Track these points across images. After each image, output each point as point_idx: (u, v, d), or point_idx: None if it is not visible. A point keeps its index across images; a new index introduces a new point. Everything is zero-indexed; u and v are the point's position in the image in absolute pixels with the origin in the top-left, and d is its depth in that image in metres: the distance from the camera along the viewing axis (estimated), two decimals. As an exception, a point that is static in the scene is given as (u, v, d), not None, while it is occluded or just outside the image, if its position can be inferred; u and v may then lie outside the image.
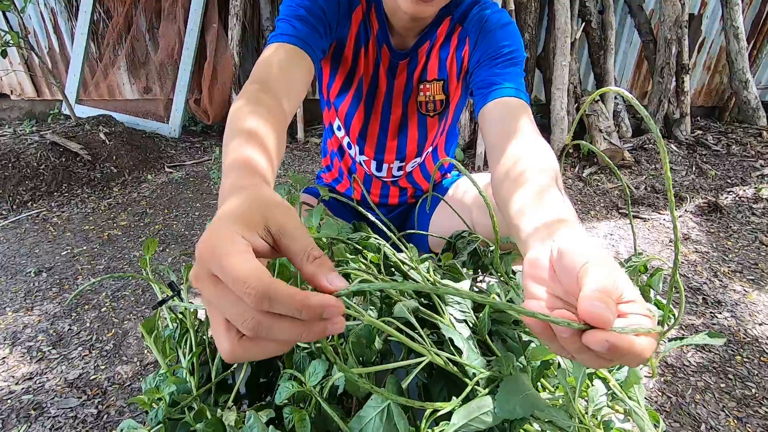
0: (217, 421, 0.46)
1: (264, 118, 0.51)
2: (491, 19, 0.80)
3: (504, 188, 0.56)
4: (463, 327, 0.55)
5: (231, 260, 0.28)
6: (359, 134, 0.95)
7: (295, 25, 0.69)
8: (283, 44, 0.67)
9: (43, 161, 2.21)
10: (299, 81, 0.66)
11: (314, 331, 0.29)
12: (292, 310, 0.27)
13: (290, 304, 0.27)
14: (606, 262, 0.31)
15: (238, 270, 0.27)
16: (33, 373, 1.16)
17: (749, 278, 1.63)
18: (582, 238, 0.36)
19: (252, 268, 0.28)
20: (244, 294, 0.27)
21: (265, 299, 0.27)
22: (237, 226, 0.31)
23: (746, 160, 2.61)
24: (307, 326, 0.28)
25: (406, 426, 0.42)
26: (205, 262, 0.29)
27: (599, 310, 0.28)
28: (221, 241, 0.29)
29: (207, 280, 0.29)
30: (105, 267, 1.64)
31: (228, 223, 0.31)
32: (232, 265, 0.28)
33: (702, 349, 1.29)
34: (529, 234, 0.42)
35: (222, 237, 0.30)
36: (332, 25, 0.75)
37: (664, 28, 2.73)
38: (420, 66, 0.86)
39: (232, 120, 0.51)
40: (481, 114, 0.75)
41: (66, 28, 2.91)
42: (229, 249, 0.29)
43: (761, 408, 1.09)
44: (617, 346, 0.27)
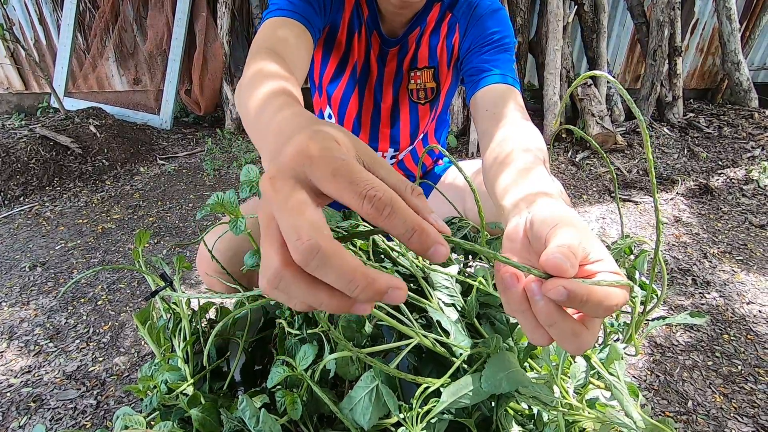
0: (212, 406, 0.47)
1: (285, 69, 0.49)
2: (481, 6, 0.80)
3: (491, 172, 0.57)
4: (452, 311, 0.56)
5: (348, 163, 0.25)
6: (354, 120, 0.95)
7: (293, 0, 0.68)
8: (284, 18, 0.66)
9: (33, 155, 2.19)
10: (303, 52, 0.64)
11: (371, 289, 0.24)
12: (408, 228, 0.24)
13: (410, 221, 0.24)
14: (574, 224, 0.31)
15: (360, 173, 0.25)
16: (31, 367, 1.17)
17: (738, 259, 1.65)
18: (556, 206, 0.35)
19: (371, 175, 0.25)
20: (365, 197, 0.24)
21: (388, 207, 0.24)
22: (330, 139, 0.27)
23: (737, 142, 2.62)
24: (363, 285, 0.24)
25: (395, 404, 0.43)
26: (305, 162, 0.25)
27: (556, 259, 0.27)
28: (332, 145, 0.26)
29: (290, 183, 0.25)
30: (100, 260, 1.64)
31: (321, 134, 0.27)
32: (349, 167, 0.25)
33: (690, 328, 1.31)
34: (509, 210, 0.43)
35: (330, 140, 0.27)
36: (326, 6, 0.74)
37: (656, 11, 2.71)
38: (410, 53, 0.86)
39: (250, 69, 0.48)
40: (472, 101, 0.75)
41: (52, 19, 2.86)
42: (341, 153, 0.26)
43: (747, 384, 1.12)
44: (575, 291, 0.27)
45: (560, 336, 0.30)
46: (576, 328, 0.29)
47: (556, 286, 0.27)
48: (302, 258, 0.23)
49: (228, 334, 0.65)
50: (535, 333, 0.31)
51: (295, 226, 0.23)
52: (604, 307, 0.28)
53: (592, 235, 0.31)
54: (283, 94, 0.40)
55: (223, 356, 0.62)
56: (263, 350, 0.71)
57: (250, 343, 0.66)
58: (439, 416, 0.44)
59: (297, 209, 0.24)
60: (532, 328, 0.31)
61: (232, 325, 0.64)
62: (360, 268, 0.23)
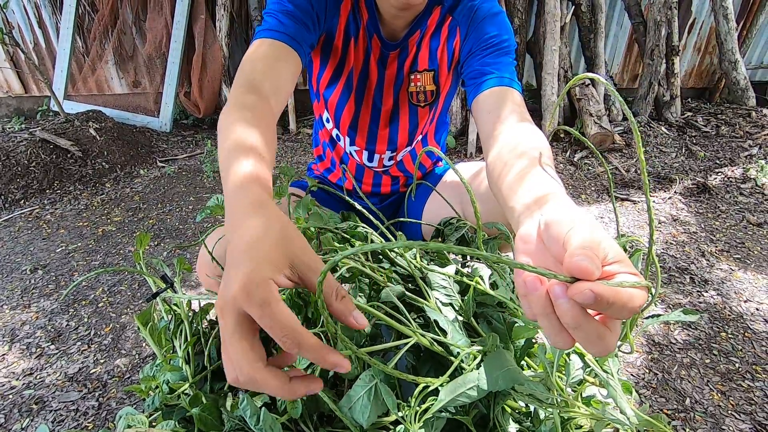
0: (212, 405, 0.48)
1: (253, 124, 0.52)
2: (481, 9, 0.80)
3: (496, 174, 0.57)
4: (449, 310, 0.57)
5: (269, 308, 0.33)
6: (350, 125, 0.95)
7: (282, 21, 0.69)
8: (270, 40, 0.68)
9: (33, 159, 2.20)
10: (286, 78, 0.67)
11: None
12: (313, 358, 0.35)
13: (314, 353, 0.35)
14: (591, 226, 0.32)
15: (278, 317, 0.33)
16: (33, 369, 1.18)
17: (736, 257, 1.66)
18: (568, 207, 0.37)
19: (288, 317, 0.34)
20: (280, 337, 0.33)
21: (296, 346, 0.33)
22: (267, 270, 0.35)
23: (735, 141, 2.63)
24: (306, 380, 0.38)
25: (393, 402, 0.44)
26: (240, 305, 0.34)
27: (582, 262, 0.28)
28: (258, 290, 0.34)
29: (233, 316, 0.34)
30: (100, 263, 1.65)
31: (259, 267, 0.35)
32: (272, 313, 0.33)
33: (688, 326, 1.32)
34: (520, 212, 0.43)
35: (258, 285, 0.34)
36: (320, 17, 0.75)
37: (653, 10, 2.72)
38: (411, 56, 0.87)
39: (223, 130, 0.53)
40: (474, 104, 0.76)
41: (51, 22, 2.87)
42: (266, 296, 0.34)
43: (744, 381, 1.13)
44: (602, 294, 0.27)
45: (585, 339, 0.30)
46: (601, 330, 0.30)
47: (583, 289, 0.28)
48: (243, 385, 0.35)
49: (228, 335, 0.65)
50: (559, 336, 0.31)
51: (234, 359, 0.34)
52: (628, 309, 0.28)
53: (607, 235, 0.32)
54: (247, 180, 0.46)
55: (223, 357, 0.63)
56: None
57: (251, 344, 0.67)
58: (437, 414, 0.45)
59: (237, 343, 0.34)
60: (557, 332, 0.31)
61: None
62: (284, 385, 0.35)
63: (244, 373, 0.34)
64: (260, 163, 0.48)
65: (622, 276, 0.29)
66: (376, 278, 0.58)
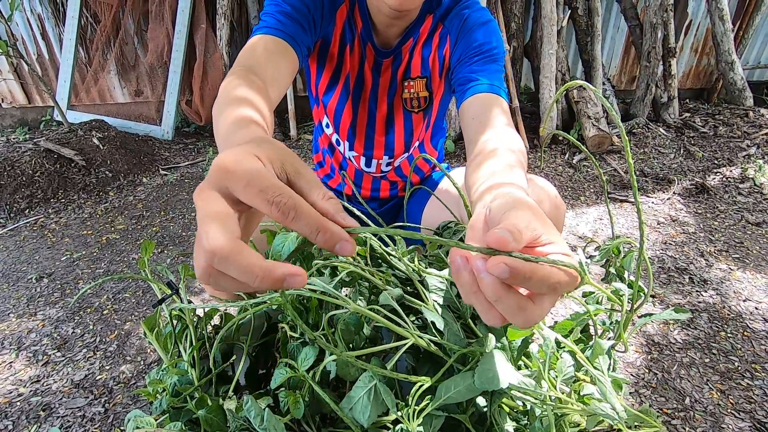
0: (218, 407, 0.49)
1: (255, 91, 0.53)
2: (471, 18, 0.82)
3: (468, 173, 0.59)
4: (446, 312, 0.58)
5: (259, 174, 0.29)
6: (349, 129, 0.97)
7: (280, 19, 0.71)
8: (268, 36, 0.69)
9: (38, 168, 2.23)
10: (284, 73, 0.68)
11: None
12: (312, 228, 0.29)
13: (314, 222, 0.29)
14: (529, 208, 0.32)
15: (268, 181, 0.29)
16: (40, 376, 1.19)
17: (734, 257, 1.67)
18: (515, 193, 0.37)
19: (279, 182, 0.29)
20: (272, 203, 0.28)
21: (293, 211, 0.28)
22: (255, 150, 0.31)
23: (733, 141, 2.65)
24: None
25: (392, 401, 0.45)
26: (225, 177, 0.29)
27: (499, 233, 0.29)
28: (245, 159, 0.30)
29: (212, 193, 0.29)
30: (105, 270, 1.67)
31: (250, 149, 0.31)
32: (260, 177, 0.29)
33: (688, 326, 1.33)
34: (474, 201, 0.44)
35: (246, 156, 0.30)
36: (316, 21, 0.77)
37: (649, 13, 2.75)
38: (404, 63, 0.89)
39: (224, 91, 0.53)
40: (460, 110, 0.78)
41: (54, 33, 2.91)
42: (254, 165, 0.29)
43: (743, 380, 1.14)
44: (517, 268, 0.28)
45: (507, 311, 0.30)
46: (521, 302, 0.30)
47: (498, 262, 0.28)
48: (217, 264, 0.27)
49: (232, 340, 0.67)
50: (488, 314, 0.32)
51: (204, 232, 0.28)
52: (548, 284, 0.29)
53: (547, 220, 0.33)
54: (244, 121, 0.44)
55: (227, 360, 0.64)
56: (267, 354, 0.73)
57: (254, 348, 0.68)
58: (435, 413, 0.46)
59: (209, 217, 0.28)
60: (486, 310, 0.32)
61: (236, 330, 0.66)
62: (257, 262, 0.27)
63: (218, 243, 0.27)
64: (262, 118, 0.47)
65: (554, 256, 0.30)
66: (375, 282, 0.59)
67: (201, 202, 0.29)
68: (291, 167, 0.32)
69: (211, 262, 0.27)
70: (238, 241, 0.28)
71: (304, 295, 0.50)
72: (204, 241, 0.27)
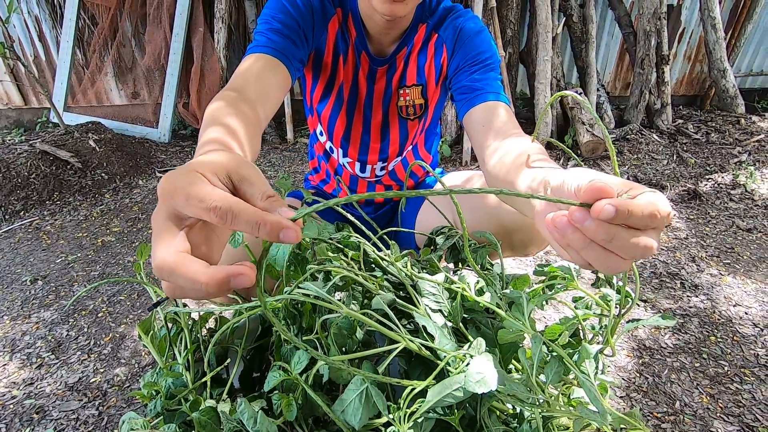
0: (212, 409, 0.50)
1: (238, 118, 0.55)
2: (465, 28, 0.85)
3: (500, 173, 0.61)
4: (438, 316, 0.59)
5: (195, 186, 0.31)
6: (342, 137, 0.99)
7: (271, 37, 0.73)
8: (260, 54, 0.72)
9: (33, 170, 2.22)
10: (275, 89, 0.70)
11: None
12: (252, 224, 0.30)
13: (252, 218, 0.30)
14: (593, 173, 0.35)
15: (204, 191, 0.31)
16: (33, 379, 1.19)
17: (725, 262, 1.69)
18: (569, 172, 0.38)
19: (216, 189, 0.31)
20: (210, 209, 0.30)
21: (229, 213, 0.30)
22: (195, 166, 0.33)
23: (725, 148, 2.68)
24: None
25: (383, 404, 0.46)
26: (167, 198, 0.31)
27: (596, 183, 0.31)
28: (184, 177, 0.32)
29: (161, 216, 0.32)
30: (100, 273, 1.67)
31: (191, 167, 0.33)
32: (197, 189, 0.31)
33: (678, 331, 1.35)
34: (527, 190, 0.46)
35: (184, 174, 0.32)
36: (308, 34, 0.79)
37: (643, 21, 2.78)
38: (399, 72, 0.90)
39: (207, 117, 0.55)
40: (466, 118, 0.81)
41: (51, 36, 2.91)
42: (191, 179, 0.32)
43: (732, 384, 1.16)
44: (619, 204, 0.30)
45: (624, 247, 0.32)
46: (633, 234, 0.32)
47: (603, 205, 0.30)
48: (165, 276, 0.30)
49: (227, 343, 0.68)
50: (608, 260, 0.33)
51: (153, 252, 0.31)
52: (648, 214, 0.30)
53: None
54: (208, 144, 0.48)
55: (221, 363, 0.65)
56: (261, 358, 0.74)
57: (249, 351, 0.69)
58: (426, 415, 0.47)
59: (157, 238, 0.32)
60: (604, 257, 0.33)
61: (231, 333, 0.67)
62: (201, 269, 0.30)
63: (162, 259, 0.30)
64: (228, 136, 0.50)
65: (643, 196, 0.32)
66: (368, 286, 0.60)
67: (153, 225, 0.33)
68: (236, 174, 0.34)
69: (162, 277, 0.30)
70: (181, 255, 0.30)
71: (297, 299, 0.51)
72: (153, 261, 0.31)
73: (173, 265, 0.30)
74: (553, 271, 0.60)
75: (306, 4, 0.78)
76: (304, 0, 0.78)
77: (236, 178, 0.34)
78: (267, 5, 0.78)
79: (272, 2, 0.78)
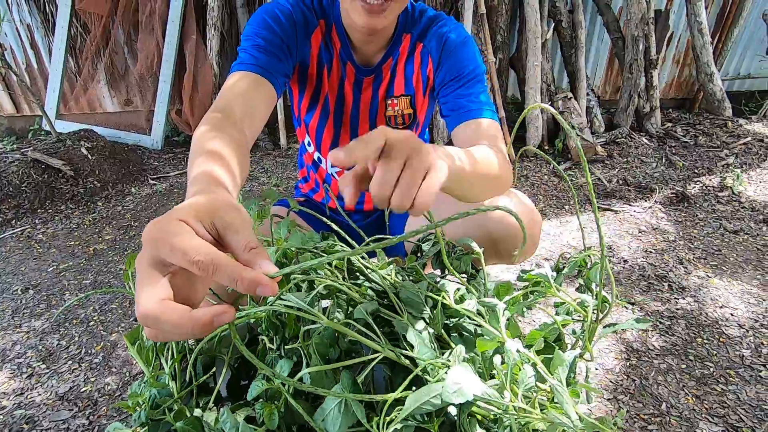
0: (196, 419, 0.51)
1: (226, 142, 0.56)
2: (450, 39, 0.86)
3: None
4: (420, 324, 0.60)
5: (179, 237, 0.32)
6: (330, 147, 1.00)
7: (255, 54, 0.74)
8: (244, 72, 0.73)
9: (25, 179, 2.22)
10: (261, 107, 0.72)
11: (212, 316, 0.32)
12: (231, 279, 0.32)
13: (231, 273, 0.32)
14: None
15: (188, 243, 0.32)
16: (24, 389, 1.19)
17: (712, 264, 1.71)
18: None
19: (200, 242, 0.33)
20: (192, 262, 0.31)
21: (211, 266, 0.31)
22: (179, 214, 0.35)
23: (712, 150, 2.72)
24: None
25: (362, 412, 0.47)
26: (152, 246, 0.33)
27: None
28: (168, 226, 0.33)
29: (144, 263, 0.33)
30: (92, 282, 1.67)
31: (175, 214, 0.35)
32: (181, 241, 0.32)
33: (666, 332, 1.36)
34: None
35: (169, 223, 0.33)
36: (291, 49, 0.80)
37: (630, 26, 2.82)
38: (385, 82, 0.92)
39: (196, 144, 0.56)
40: (453, 135, 0.83)
41: (43, 43, 2.91)
42: (176, 230, 0.33)
43: (718, 385, 1.17)
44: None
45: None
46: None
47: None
48: (147, 323, 0.32)
49: (214, 351, 0.69)
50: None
51: (136, 300, 0.32)
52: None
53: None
54: (197, 180, 0.49)
55: (207, 372, 0.66)
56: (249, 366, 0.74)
57: (236, 360, 0.70)
58: (404, 422, 0.48)
59: (140, 285, 0.33)
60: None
61: (218, 342, 0.68)
62: (184, 314, 0.32)
63: (146, 308, 0.31)
64: (226, 172, 0.51)
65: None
66: (351, 295, 0.61)
67: (137, 270, 0.34)
68: (220, 221, 0.36)
69: (147, 325, 0.32)
70: (164, 304, 0.32)
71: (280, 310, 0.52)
72: (136, 310, 0.32)
73: (158, 313, 0.31)
74: (531, 278, 0.62)
75: (288, 19, 0.79)
76: (286, 14, 0.79)
77: (221, 224, 0.36)
78: (250, 22, 0.80)
79: (255, 18, 0.79)
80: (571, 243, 1.90)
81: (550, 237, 1.94)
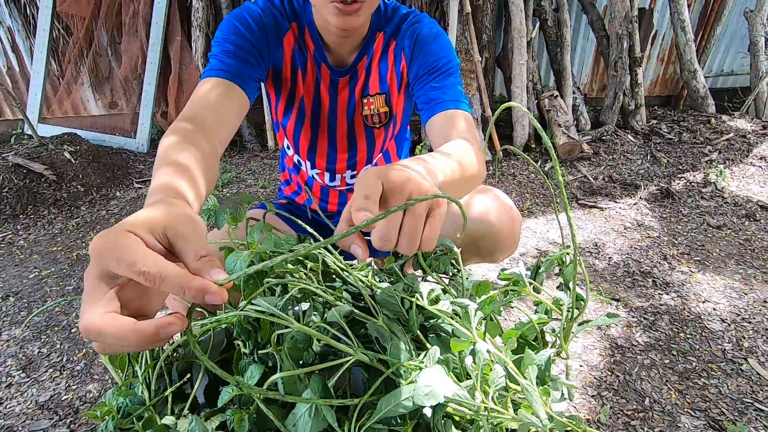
0: (165, 427, 0.50)
1: (191, 152, 0.56)
2: (422, 34, 0.86)
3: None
4: (395, 325, 0.60)
5: (126, 249, 0.32)
6: (308, 149, 0.99)
7: (224, 60, 0.74)
8: (215, 79, 0.72)
9: (6, 184, 2.18)
10: (231, 114, 0.71)
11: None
12: (178, 288, 0.32)
13: (178, 282, 0.32)
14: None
15: (134, 254, 0.31)
16: (2, 398, 1.17)
17: (696, 259, 1.73)
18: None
19: (147, 252, 0.32)
20: (139, 273, 0.31)
21: (158, 277, 0.31)
22: (128, 225, 0.34)
23: (696, 147, 2.75)
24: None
25: (332, 417, 0.47)
26: (99, 258, 0.32)
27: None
28: (115, 237, 0.33)
29: (92, 276, 0.33)
30: (74, 288, 1.64)
31: (124, 225, 0.34)
32: (127, 252, 0.32)
33: (650, 328, 1.38)
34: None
35: (116, 234, 0.33)
36: (263, 53, 0.80)
37: (615, 24, 2.85)
38: (361, 82, 0.91)
39: (161, 154, 0.56)
40: (426, 127, 0.82)
41: (25, 46, 2.87)
42: (123, 242, 0.32)
43: (700, 380, 1.19)
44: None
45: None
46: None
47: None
48: (92, 336, 0.31)
49: (191, 357, 0.68)
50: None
51: (81, 314, 0.32)
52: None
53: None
54: (155, 192, 0.49)
55: (182, 378, 0.65)
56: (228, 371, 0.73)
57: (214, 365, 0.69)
58: (376, 425, 0.48)
59: (85, 300, 0.32)
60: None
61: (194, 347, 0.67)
62: (129, 327, 0.31)
63: (88, 321, 0.31)
64: (189, 184, 0.50)
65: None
66: (326, 297, 0.61)
67: (85, 283, 0.33)
68: (172, 231, 0.36)
69: (91, 338, 0.31)
70: (108, 316, 0.31)
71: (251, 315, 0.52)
72: (80, 323, 0.32)
73: (100, 326, 0.31)
74: (506, 277, 0.62)
75: (258, 23, 0.78)
76: (255, 19, 0.78)
77: (172, 234, 0.36)
78: (219, 28, 0.79)
79: (224, 24, 0.78)
80: (557, 241, 1.91)
81: (536, 235, 1.95)
